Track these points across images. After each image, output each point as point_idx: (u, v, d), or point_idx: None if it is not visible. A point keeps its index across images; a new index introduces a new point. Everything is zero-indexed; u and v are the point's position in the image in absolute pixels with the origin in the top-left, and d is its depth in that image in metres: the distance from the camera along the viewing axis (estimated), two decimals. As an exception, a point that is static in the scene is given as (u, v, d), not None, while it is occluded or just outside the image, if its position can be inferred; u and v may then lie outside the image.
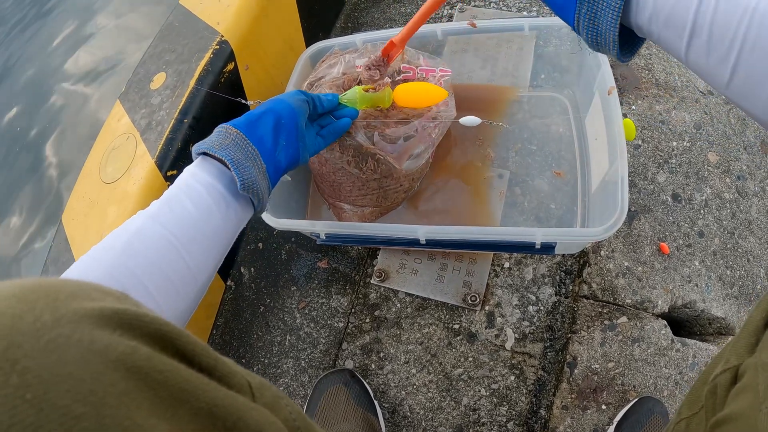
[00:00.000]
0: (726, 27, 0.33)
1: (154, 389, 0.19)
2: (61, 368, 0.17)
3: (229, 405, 0.22)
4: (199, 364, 0.22)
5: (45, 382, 0.17)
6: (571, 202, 0.76)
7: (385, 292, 0.77)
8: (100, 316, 0.20)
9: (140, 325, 0.21)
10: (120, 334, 0.20)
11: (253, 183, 0.45)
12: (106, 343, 0.19)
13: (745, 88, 0.34)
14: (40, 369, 0.17)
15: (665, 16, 0.36)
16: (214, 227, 0.43)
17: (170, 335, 0.21)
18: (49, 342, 0.18)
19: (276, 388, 0.28)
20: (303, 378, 0.75)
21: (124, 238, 0.38)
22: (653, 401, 0.65)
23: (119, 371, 0.18)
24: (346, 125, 0.60)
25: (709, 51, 0.35)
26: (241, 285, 0.83)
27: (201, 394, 0.21)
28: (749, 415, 0.30)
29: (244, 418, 0.22)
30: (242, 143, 0.46)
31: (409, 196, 0.80)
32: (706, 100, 0.89)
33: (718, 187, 0.81)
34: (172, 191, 0.43)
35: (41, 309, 0.19)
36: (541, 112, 0.83)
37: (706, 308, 0.73)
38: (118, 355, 0.19)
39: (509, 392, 0.69)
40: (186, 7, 0.84)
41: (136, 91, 0.80)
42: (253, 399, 0.25)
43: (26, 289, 0.20)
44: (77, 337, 0.18)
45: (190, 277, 0.41)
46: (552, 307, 0.73)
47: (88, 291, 0.21)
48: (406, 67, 0.74)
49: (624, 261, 0.74)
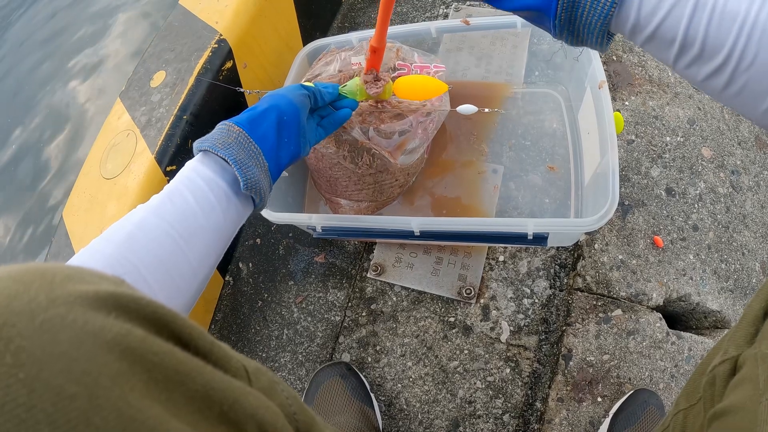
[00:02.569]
0: (721, 41, 0.30)
1: (149, 371, 0.18)
2: (54, 348, 0.16)
3: (225, 388, 0.21)
4: (195, 347, 0.21)
5: (38, 362, 0.16)
6: (564, 195, 0.73)
7: (382, 285, 0.75)
8: (96, 298, 0.19)
9: (136, 307, 0.20)
10: (115, 316, 0.19)
11: (256, 182, 0.43)
12: (101, 324, 0.18)
13: (741, 99, 0.31)
14: (33, 348, 0.16)
15: (650, 31, 0.32)
16: (215, 222, 0.41)
17: (166, 318, 0.21)
18: (44, 322, 0.17)
19: (272, 373, 0.27)
20: (300, 371, 0.73)
21: (125, 230, 0.37)
22: (648, 393, 0.62)
23: (113, 353, 0.18)
24: (346, 116, 0.58)
25: (701, 64, 0.31)
26: (239, 280, 0.81)
27: (196, 377, 0.20)
28: (749, 407, 0.28)
29: (240, 401, 0.21)
30: (244, 142, 0.44)
31: (405, 190, 0.78)
32: (700, 96, 0.86)
33: (712, 181, 0.78)
34: (174, 185, 0.41)
35: (36, 290, 0.18)
36: (534, 108, 0.81)
37: (701, 301, 0.71)
38: (113, 336, 0.18)
39: (505, 385, 0.67)
40: (185, 7, 0.83)
41: (137, 89, 0.78)
42: (249, 383, 0.24)
43: (22, 271, 0.19)
44: (72, 318, 0.18)
45: (189, 271, 0.39)
46: (547, 299, 0.70)
47: (83, 274, 0.20)
48: (401, 65, 0.72)
49: (618, 254, 0.72)
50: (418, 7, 0.99)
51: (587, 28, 0.35)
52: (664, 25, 0.32)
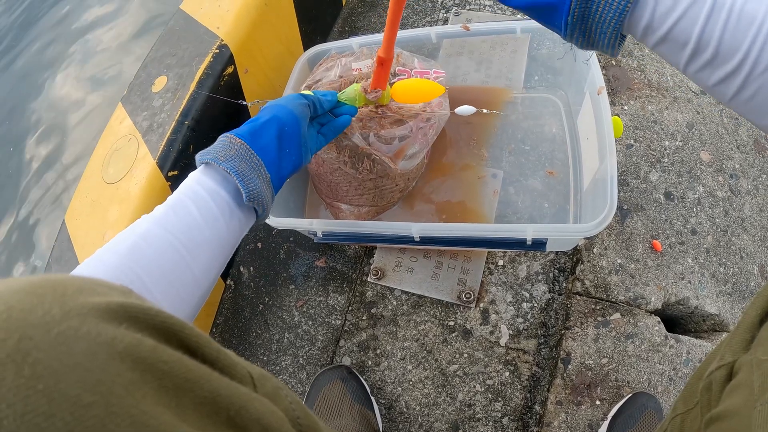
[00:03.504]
0: (736, 45, 0.29)
1: (159, 379, 0.19)
2: (70, 359, 0.17)
3: (232, 394, 0.22)
4: (202, 355, 0.22)
5: (55, 373, 0.17)
6: (563, 200, 0.74)
7: (382, 290, 0.75)
8: (107, 309, 0.20)
9: (145, 318, 0.21)
10: (126, 327, 0.20)
11: (259, 194, 0.44)
12: (113, 335, 0.19)
13: (752, 105, 0.31)
14: (50, 360, 0.17)
15: (663, 32, 0.32)
16: (218, 234, 0.42)
17: (174, 328, 0.21)
18: (59, 335, 0.18)
19: (276, 379, 0.28)
20: (301, 375, 0.74)
21: (129, 241, 0.37)
22: (647, 397, 0.62)
23: (126, 362, 0.18)
24: (346, 122, 0.59)
25: (713, 68, 0.31)
26: (241, 284, 0.81)
27: (204, 384, 0.21)
28: (744, 412, 0.28)
29: (246, 407, 0.22)
30: (246, 154, 0.44)
31: (405, 195, 0.78)
32: (699, 100, 0.87)
33: (710, 185, 0.79)
34: (177, 197, 0.42)
35: (50, 303, 0.19)
36: (534, 113, 0.81)
37: (700, 305, 0.71)
38: (124, 346, 0.19)
39: (504, 388, 0.67)
40: (187, 12, 0.83)
41: (138, 94, 0.78)
42: (254, 389, 0.25)
43: (35, 284, 0.20)
44: (85, 330, 0.18)
45: (193, 282, 0.39)
46: (546, 303, 0.71)
47: (93, 286, 0.21)
48: (401, 70, 0.73)
49: (617, 258, 0.72)
50: (418, 12, 1.00)
51: (600, 27, 0.34)
52: (679, 25, 0.31)
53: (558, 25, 0.37)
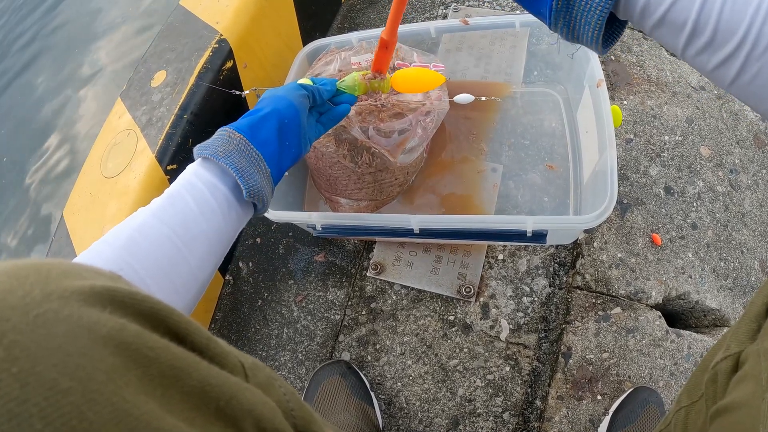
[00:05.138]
0: (734, 27, 0.28)
1: (144, 366, 0.18)
2: (48, 343, 0.16)
3: (222, 384, 0.21)
4: (191, 343, 0.21)
5: (32, 356, 0.16)
6: (563, 194, 0.73)
7: (381, 284, 0.74)
8: (91, 293, 0.19)
9: (131, 303, 0.20)
10: (110, 311, 0.19)
11: (258, 189, 0.43)
12: (95, 319, 0.18)
13: (753, 89, 0.30)
14: (27, 343, 0.16)
15: (660, 14, 0.31)
16: (216, 227, 0.41)
17: (161, 314, 0.20)
18: (38, 317, 0.17)
19: (270, 369, 0.27)
20: (300, 370, 0.73)
21: (125, 233, 0.36)
22: (648, 391, 0.61)
23: (108, 347, 0.17)
24: (345, 111, 0.57)
25: (712, 51, 0.30)
26: (240, 279, 0.80)
27: (192, 373, 0.20)
28: (752, 403, 0.27)
29: (237, 397, 0.21)
30: (245, 149, 0.43)
31: (404, 189, 0.77)
32: (698, 95, 0.86)
33: (710, 180, 0.78)
34: (175, 189, 0.41)
35: (31, 285, 0.18)
36: (534, 108, 0.80)
37: (701, 300, 0.70)
38: (107, 331, 0.18)
39: (504, 383, 0.66)
40: (186, 7, 0.82)
41: (137, 89, 0.77)
42: (246, 379, 0.24)
43: (18, 266, 0.19)
44: (66, 313, 0.17)
45: (190, 275, 0.38)
46: (546, 298, 0.70)
47: (79, 270, 0.20)
48: (400, 64, 0.72)
49: (617, 252, 0.71)
50: (418, 7, 0.99)
51: (585, 16, 0.33)
52: (676, 6, 0.30)
53: (543, 13, 0.36)
